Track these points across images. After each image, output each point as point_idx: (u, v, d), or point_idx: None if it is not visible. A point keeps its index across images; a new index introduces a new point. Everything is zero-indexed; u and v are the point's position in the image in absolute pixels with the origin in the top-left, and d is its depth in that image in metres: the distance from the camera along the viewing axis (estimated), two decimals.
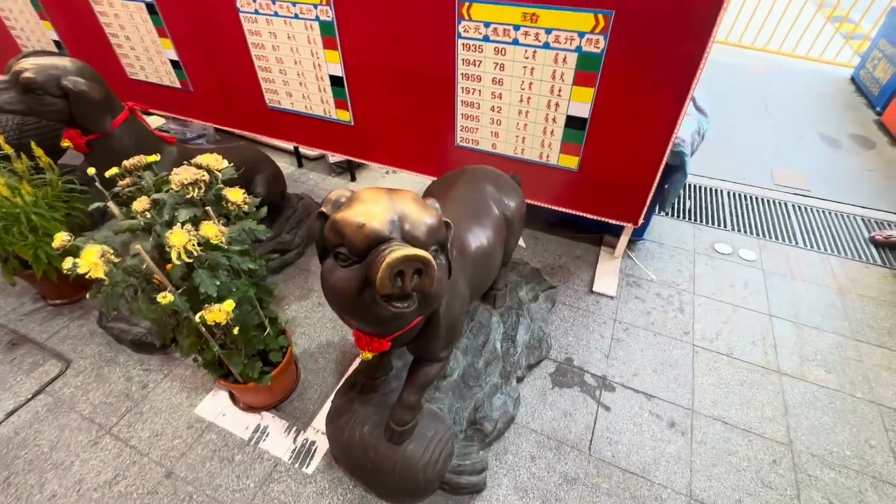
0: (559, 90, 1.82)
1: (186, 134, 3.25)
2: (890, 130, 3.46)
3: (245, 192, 1.18)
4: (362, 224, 0.78)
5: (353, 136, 2.47)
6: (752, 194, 2.79)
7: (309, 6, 2.07)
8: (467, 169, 1.56)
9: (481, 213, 1.39)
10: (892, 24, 3.93)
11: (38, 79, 1.31)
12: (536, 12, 1.67)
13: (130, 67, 2.91)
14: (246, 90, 2.58)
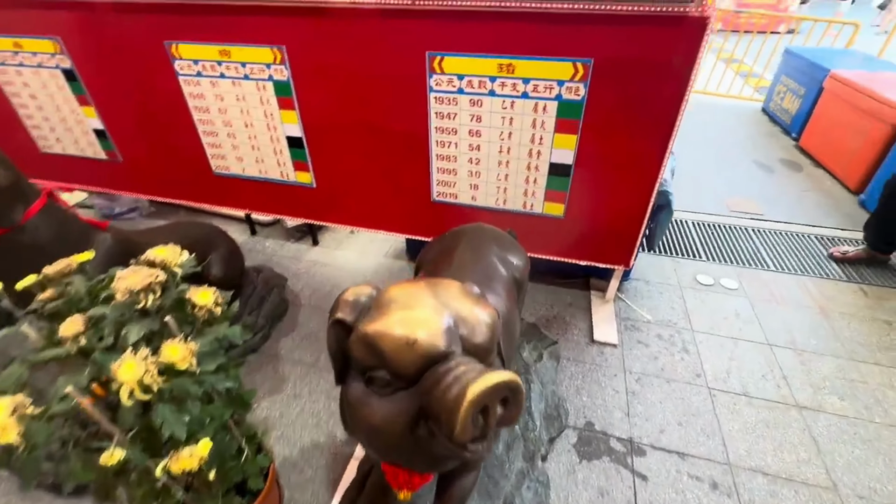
0: (540, 138, 1.76)
1: (115, 209, 2.87)
2: (810, 153, 3.82)
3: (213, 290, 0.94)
4: (413, 340, 0.58)
5: (315, 198, 2.26)
6: (716, 223, 2.88)
7: (261, 66, 1.90)
8: (465, 230, 1.41)
9: (493, 279, 1.23)
10: (789, 63, 4.45)
11: None
12: (513, 63, 1.62)
13: (44, 140, 2.55)
14: (188, 157, 2.31)
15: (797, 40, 5.58)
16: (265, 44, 1.84)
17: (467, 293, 0.69)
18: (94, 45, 2.07)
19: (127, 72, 2.10)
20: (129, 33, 1.98)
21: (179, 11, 1.84)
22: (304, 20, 1.74)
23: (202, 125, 2.18)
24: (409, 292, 0.66)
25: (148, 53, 2.00)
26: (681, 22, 1.41)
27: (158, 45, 1.96)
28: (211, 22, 1.84)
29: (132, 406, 0.73)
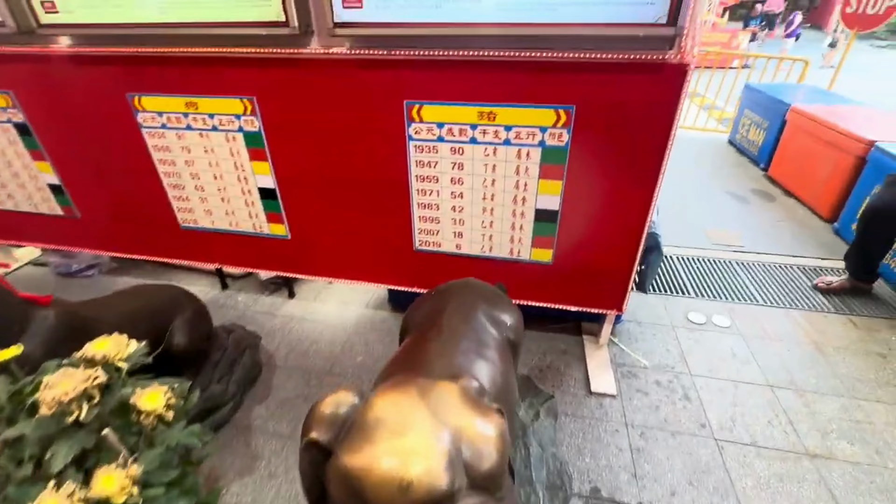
0: (525, 184, 1.70)
1: (72, 266, 2.67)
2: (779, 183, 3.92)
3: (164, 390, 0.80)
4: (407, 482, 0.46)
5: (291, 250, 2.13)
6: (700, 256, 2.87)
7: (230, 117, 1.81)
8: (452, 288, 1.31)
9: (485, 344, 1.12)
10: (750, 97, 4.66)
11: None
12: (494, 111, 1.58)
13: None
14: (152, 211, 2.17)
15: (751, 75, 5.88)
16: (235, 95, 1.76)
17: (468, 400, 0.58)
18: (50, 99, 1.95)
19: (86, 125, 1.98)
20: (89, 86, 1.87)
21: (143, 63, 1.75)
22: (276, 71, 1.67)
23: (167, 178, 2.05)
24: (399, 407, 0.55)
25: (109, 106, 1.89)
26: (661, 69, 1.40)
27: (120, 97, 1.86)
28: (176, 73, 1.76)
29: None
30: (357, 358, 2.07)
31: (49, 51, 1.80)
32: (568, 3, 1.32)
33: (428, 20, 1.41)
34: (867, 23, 4.62)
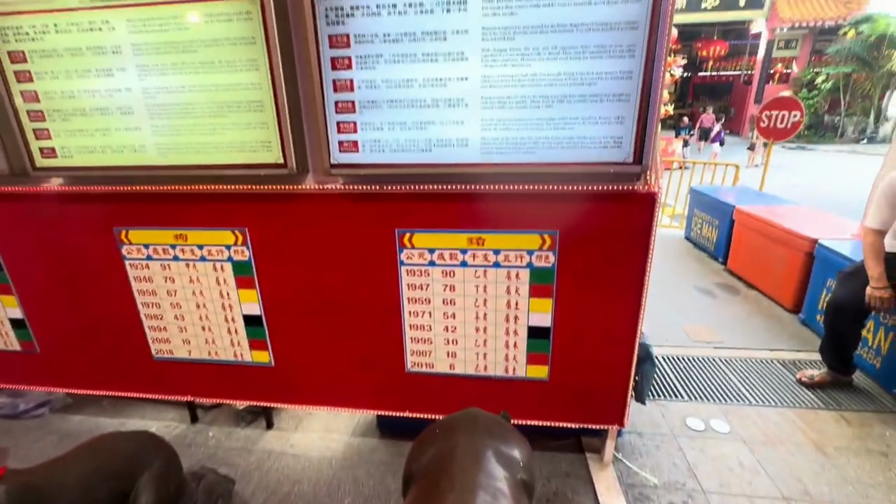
0: (516, 303, 1.74)
1: (19, 406, 2.39)
2: (739, 276, 4.18)
3: None
4: None
5: (274, 378, 2.02)
6: (684, 355, 2.90)
7: (220, 247, 1.82)
8: (457, 427, 1.24)
9: (503, 494, 1.03)
10: (696, 199, 5.15)
11: None
12: (482, 236, 1.66)
13: None
14: (123, 344, 2.05)
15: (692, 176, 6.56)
16: (226, 227, 1.79)
17: None
18: (29, 233, 1.92)
19: (65, 258, 1.93)
20: (75, 221, 1.87)
21: (134, 199, 1.78)
22: (269, 204, 1.73)
23: (146, 308, 1.98)
24: None
25: (93, 240, 1.88)
26: (632, 197, 1.54)
27: (107, 231, 1.86)
28: (168, 208, 1.79)
29: None
30: (345, 500, 1.86)
31: (36, 190, 1.82)
32: (544, 147, 1.48)
33: (419, 161, 1.54)
34: (779, 135, 5.38)
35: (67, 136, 1.69)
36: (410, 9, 1.38)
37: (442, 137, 1.51)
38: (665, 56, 1.35)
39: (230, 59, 1.50)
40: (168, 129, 1.62)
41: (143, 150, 1.66)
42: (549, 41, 1.36)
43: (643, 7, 1.30)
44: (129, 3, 1.47)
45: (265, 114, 1.55)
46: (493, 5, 1.35)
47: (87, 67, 1.58)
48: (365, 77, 1.47)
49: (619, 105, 1.41)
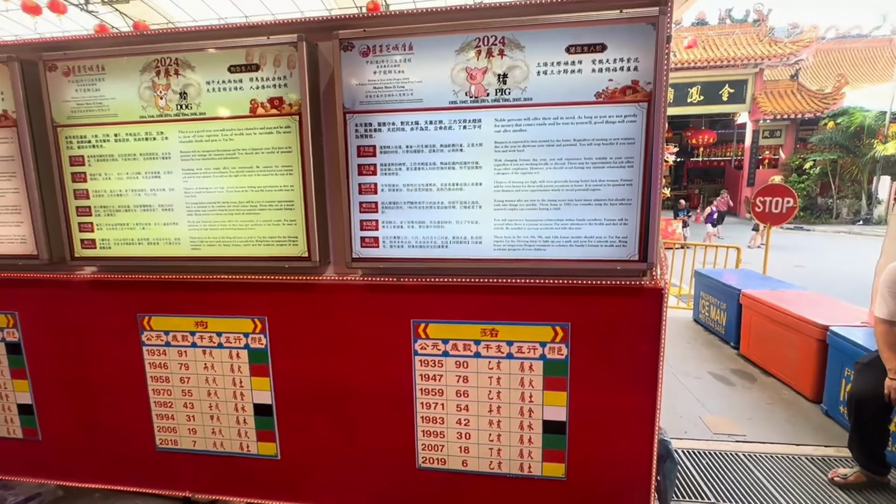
0: (530, 396, 1.72)
1: (7, 500, 2.28)
2: (754, 361, 4.09)
3: None
4: None
5: (279, 473, 1.94)
6: (707, 449, 2.76)
7: (238, 335, 1.87)
8: None
9: None
10: (702, 282, 5.21)
11: None
12: (496, 328, 1.70)
13: None
14: (128, 432, 2.01)
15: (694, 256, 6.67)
16: (246, 315, 1.85)
17: None
18: (52, 319, 1.98)
19: (83, 344, 1.98)
20: (100, 307, 1.94)
21: (160, 287, 1.87)
22: (289, 293, 1.80)
23: (156, 395, 1.97)
24: None
25: (115, 326, 1.93)
26: (639, 292, 1.60)
27: (131, 318, 1.92)
28: (191, 296, 1.87)
29: None
30: None
31: (67, 277, 1.92)
32: (554, 245, 1.57)
33: (436, 256, 1.63)
34: (775, 219, 5.57)
35: (109, 230, 1.82)
36: (431, 125, 1.57)
37: (458, 235, 1.62)
38: (660, 166, 1.49)
39: (267, 165, 1.67)
40: (203, 224, 1.75)
41: (178, 243, 1.78)
42: (555, 153, 1.52)
43: (638, 126, 1.47)
44: (185, 118, 1.68)
45: (295, 212, 1.68)
46: (505, 123, 1.53)
47: (137, 170, 1.75)
48: (388, 181, 1.62)
49: (622, 208, 1.52)
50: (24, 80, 1.75)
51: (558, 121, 1.50)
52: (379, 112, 1.58)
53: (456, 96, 1.53)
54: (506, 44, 1.48)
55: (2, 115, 1.81)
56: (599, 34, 1.43)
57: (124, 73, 1.69)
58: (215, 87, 1.65)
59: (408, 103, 1.56)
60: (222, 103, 1.66)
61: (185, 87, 1.67)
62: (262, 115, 1.64)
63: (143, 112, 1.71)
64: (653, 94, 1.44)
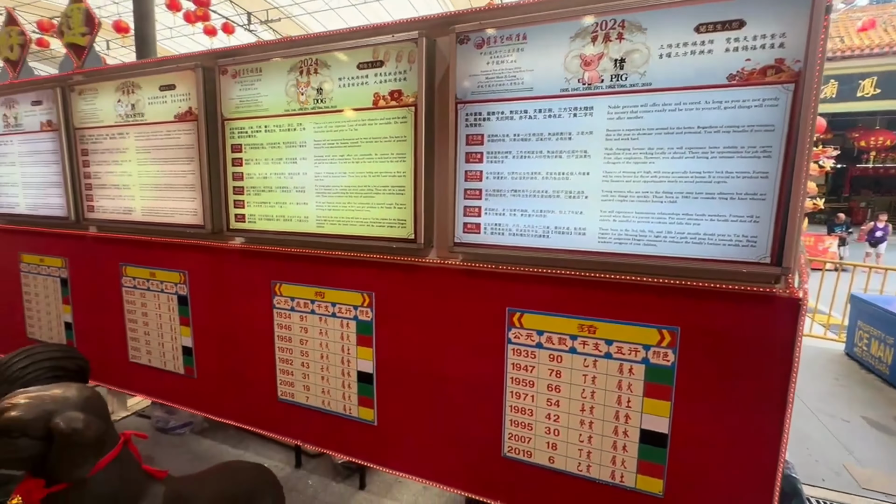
0: (628, 401, 1.62)
1: (170, 423, 2.83)
2: None
3: None
4: None
5: (374, 438, 2.10)
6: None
7: (349, 307, 2.06)
8: None
9: None
10: (861, 309, 4.32)
11: (23, 418, 1.04)
12: (594, 324, 1.63)
13: (136, 351, 2.75)
14: (257, 382, 2.35)
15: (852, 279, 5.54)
16: (357, 289, 2.04)
17: None
18: (210, 279, 2.40)
19: (230, 301, 2.36)
20: (245, 272, 2.29)
21: (290, 259, 2.15)
22: (395, 272, 1.94)
23: (281, 353, 2.27)
24: None
25: (255, 289, 2.27)
26: (771, 301, 1.41)
27: (266, 283, 2.24)
28: (314, 269, 2.12)
29: None
30: None
31: (224, 245, 2.31)
32: (667, 241, 1.46)
33: (537, 246, 1.63)
34: None
35: (255, 207, 2.15)
36: (540, 114, 1.56)
37: (560, 225, 1.59)
38: (807, 155, 1.29)
39: (384, 153, 1.82)
40: (328, 205, 1.97)
41: (306, 220, 2.04)
42: (674, 142, 1.41)
43: (780, 110, 1.29)
44: (320, 111, 1.91)
45: (405, 197, 1.81)
46: (619, 110, 1.46)
47: (279, 157, 2.05)
48: (493, 169, 1.66)
49: (752, 204, 1.35)
50: (204, 83, 2.16)
51: (680, 107, 1.39)
52: (489, 101, 1.63)
53: (568, 84, 1.51)
54: (625, 27, 1.41)
55: (188, 112, 2.24)
56: (737, 9, 1.29)
57: (276, 73, 1.98)
58: (346, 82, 1.86)
59: (518, 92, 1.58)
60: (350, 97, 1.85)
61: (322, 84, 1.90)
62: (383, 106, 1.80)
63: (287, 106, 1.99)
64: (802, 73, 1.25)
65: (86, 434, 1.08)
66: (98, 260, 2.77)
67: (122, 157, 2.51)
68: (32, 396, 1.08)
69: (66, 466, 1.06)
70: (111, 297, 2.75)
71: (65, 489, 1.08)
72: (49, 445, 1.07)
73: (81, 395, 1.16)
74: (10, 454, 1.03)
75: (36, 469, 1.07)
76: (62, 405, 1.10)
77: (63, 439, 1.05)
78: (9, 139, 2.95)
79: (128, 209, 2.55)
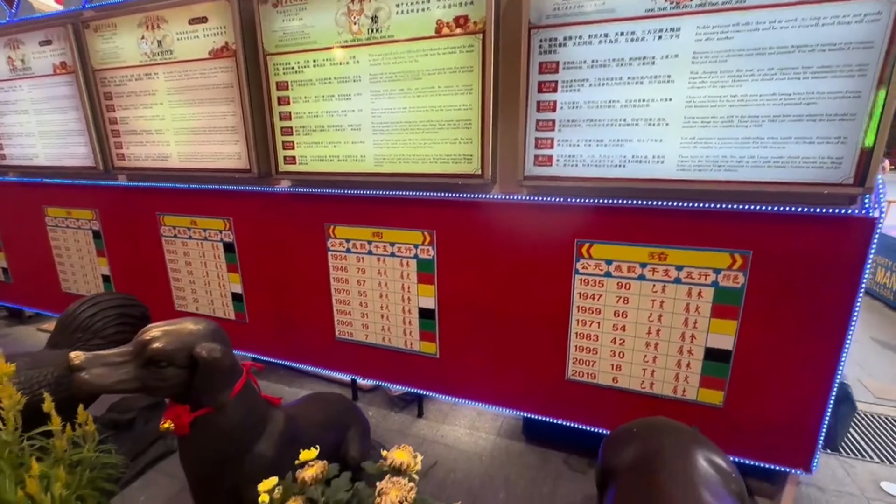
0: (695, 322, 1.71)
1: None
2: None
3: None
4: None
5: (436, 369, 2.21)
6: (868, 412, 2.53)
7: (409, 246, 2.09)
8: (660, 429, 1.28)
9: (722, 495, 1.04)
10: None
11: (168, 348, 1.08)
12: (665, 251, 1.69)
13: (181, 300, 2.78)
14: (314, 323, 2.41)
15: None
16: (417, 228, 2.05)
17: None
18: (258, 224, 2.38)
19: (281, 246, 2.36)
20: (295, 216, 2.28)
21: (344, 201, 2.14)
22: (456, 210, 1.95)
23: (337, 294, 2.32)
24: None
25: (306, 233, 2.27)
26: (846, 223, 1.46)
27: (319, 226, 2.24)
28: (370, 209, 2.11)
29: None
30: (499, 494, 1.95)
31: (271, 190, 2.27)
32: (749, 165, 1.48)
33: (612, 176, 1.64)
34: None
35: (306, 147, 2.10)
36: (621, 37, 1.51)
37: (638, 154, 1.59)
38: None
39: (449, 85, 1.77)
40: (387, 142, 1.93)
41: (363, 160, 2.00)
42: (765, 63, 1.39)
43: (881, 25, 1.27)
44: (376, 42, 1.82)
45: (471, 131, 1.78)
46: (708, 31, 1.42)
47: (331, 93, 1.97)
48: (568, 99, 1.63)
49: (841, 125, 1.37)
50: (241, 14, 2.02)
51: (775, 25, 1.36)
52: (566, 26, 1.56)
53: (654, 3, 1.45)
54: None
55: (223, 47, 2.12)
56: None
57: (323, 1, 1.86)
58: (404, 9, 1.76)
59: (598, 14, 1.52)
60: (410, 25, 1.76)
61: (377, 11, 1.80)
62: (447, 34, 1.72)
63: (338, 38, 1.89)
64: None
65: (225, 362, 1.13)
66: (133, 210, 2.72)
67: (151, 99, 2.39)
68: (169, 330, 1.11)
69: (210, 392, 1.11)
70: (149, 247, 2.73)
71: (208, 413, 1.14)
72: (191, 374, 1.11)
73: (210, 328, 1.20)
74: (160, 382, 1.08)
75: (179, 396, 1.13)
76: (198, 337, 1.14)
77: (206, 367, 1.10)
78: (17, 84, 2.78)
79: (163, 155, 2.47)
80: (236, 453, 1.20)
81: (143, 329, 1.11)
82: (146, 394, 1.09)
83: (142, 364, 1.07)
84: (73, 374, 1.00)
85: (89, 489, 1.35)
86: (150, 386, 1.08)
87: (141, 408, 2.19)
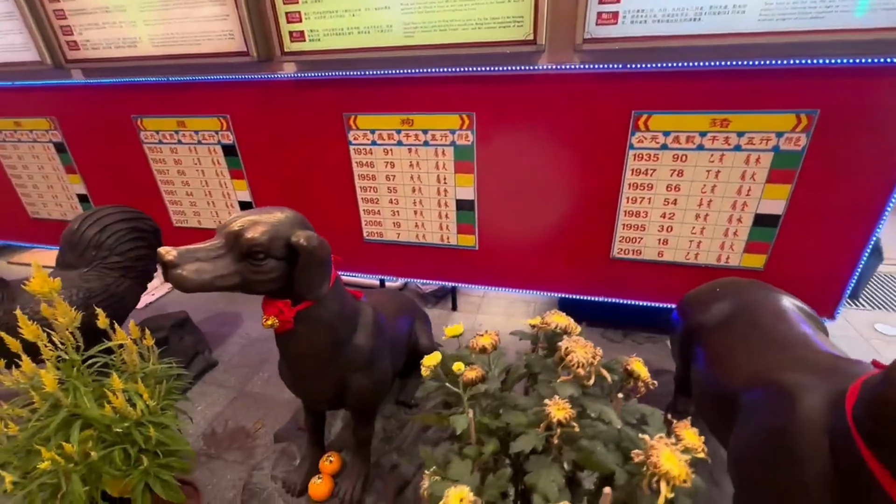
0: (748, 190, 1.72)
1: None
2: None
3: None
4: None
5: (476, 261, 2.19)
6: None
7: (445, 132, 1.92)
8: (744, 286, 1.32)
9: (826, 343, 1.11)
10: None
11: (263, 239, 0.95)
12: (728, 118, 1.62)
13: (180, 216, 2.54)
14: (338, 227, 2.28)
15: None
16: (454, 111, 1.87)
17: None
18: (262, 121, 2.11)
19: (292, 144, 2.13)
20: (306, 108, 2.02)
21: (365, 84, 1.89)
22: (501, 87, 1.77)
23: (364, 192, 2.17)
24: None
25: (322, 127, 2.04)
26: None
27: (337, 117, 2.00)
28: (397, 93, 1.89)
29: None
30: None
31: (275, 77, 1.97)
32: (836, 10, 1.37)
33: (685, 33, 1.49)
34: None
35: (317, 18, 1.78)
36: None
37: (715, 4, 1.44)
38: None
39: None
40: (418, 6, 1.66)
41: (390, 30, 1.73)
42: None
43: None
44: None
45: None
46: None
47: None
48: None
49: None
50: None
51: None
52: None
53: None
54: None
55: None
56: None
57: None
58: None
59: None
60: None
61: None
62: None
63: None
64: None
65: (324, 250, 1.03)
66: (101, 114, 2.33)
67: None
68: (257, 220, 0.98)
69: (310, 283, 1.03)
70: (130, 157, 2.41)
71: (310, 307, 1.06)
72: (288, 265, 1.01)
73: (298, 217, 1.07)
74: (261, 275, 0.97)
75: (278, 291, 1.03)
76: (290, 226, 1.01)
77: (306, 256, 0.99)
78: None
79: (129, 40, 2.06)
80: (339, 345, 1.15)
81: (227, 221, 0.97)
82: (244, 291, 0.98)
83: (238, 258, 0.95)
84: (167, 271, 0.88)
85: (168, 400, 1.30)
86: (251, 280, 0.97)
87: (171, 325, 2.09)
